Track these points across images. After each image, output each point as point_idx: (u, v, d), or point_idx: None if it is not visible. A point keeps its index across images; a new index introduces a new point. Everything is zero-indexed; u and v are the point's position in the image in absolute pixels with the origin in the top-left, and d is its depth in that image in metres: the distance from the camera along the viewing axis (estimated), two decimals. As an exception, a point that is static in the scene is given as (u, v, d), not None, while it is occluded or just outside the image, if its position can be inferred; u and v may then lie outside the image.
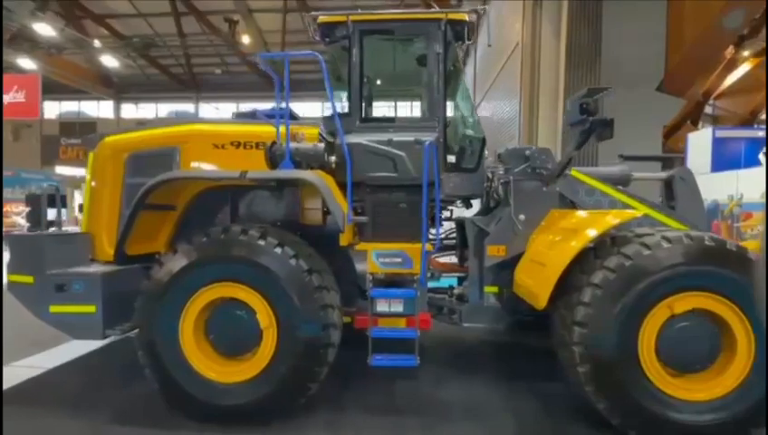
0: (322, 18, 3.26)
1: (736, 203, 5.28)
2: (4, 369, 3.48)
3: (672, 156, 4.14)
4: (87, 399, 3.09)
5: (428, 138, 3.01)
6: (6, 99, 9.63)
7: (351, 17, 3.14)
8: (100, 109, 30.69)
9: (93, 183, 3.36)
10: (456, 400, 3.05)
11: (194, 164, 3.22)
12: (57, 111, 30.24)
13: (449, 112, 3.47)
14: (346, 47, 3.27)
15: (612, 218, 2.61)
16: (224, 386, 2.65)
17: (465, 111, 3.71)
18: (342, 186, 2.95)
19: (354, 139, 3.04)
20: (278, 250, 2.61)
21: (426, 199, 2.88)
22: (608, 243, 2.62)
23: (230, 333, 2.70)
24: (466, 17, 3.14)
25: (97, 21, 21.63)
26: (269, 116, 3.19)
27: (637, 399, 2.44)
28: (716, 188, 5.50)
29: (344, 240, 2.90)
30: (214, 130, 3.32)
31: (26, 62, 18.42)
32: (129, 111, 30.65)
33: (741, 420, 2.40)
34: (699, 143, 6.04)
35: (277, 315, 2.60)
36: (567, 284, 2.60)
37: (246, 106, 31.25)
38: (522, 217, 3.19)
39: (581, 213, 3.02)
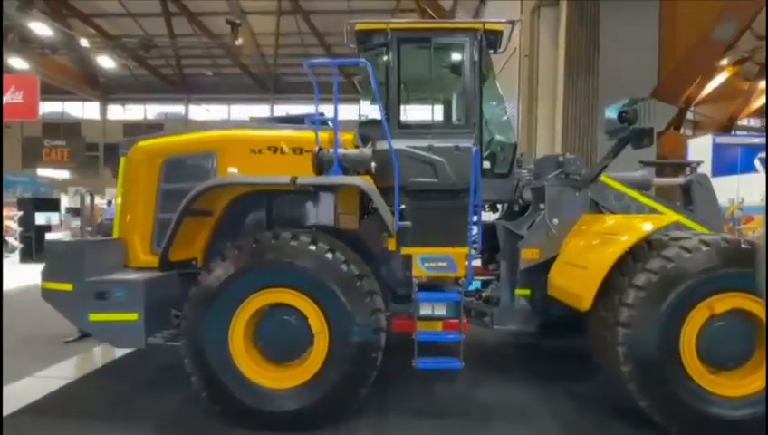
0: (361, 25, 3.31)
1: (737, 206, 5.53)
2: (31, 380, 3.40)
3: (688, 162, 4.32)
4: (123, 409, 3.04)
5: (467, 143, 3.09)
6: (4, 99, 9.30)
7: (391, 26, 3.20)
8: (84, 110, 29.89)
9: (126, 188, 3.31)
10: (496, 401, 3.12)
11: (231, 169, 3.22)
12: (40, 111, 29.25)
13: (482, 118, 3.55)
14: (380, 54, 3.33)
15: (650, 224, 2.73)
16: (274, 392, 2.65)
17: (497, 117, 3.80)
18: (382, 191, 2.99)
19: (395, 144, 3.08)
20: (329, 256, 2.64)
21: (472, 204, 2.94)
22: (645, 247, 2.74)
23: (280, 338, 2.70)
24: (503, 27, 3.23)
25: (84, 20, 21.13)
26: (322, 122, 3.20)
27: (679, 396, 2.55)
28: (717, 192, 5.76)
29: (392, 245, 2.95)
30: (251, 135, 3.32)
31: (18, 62, 17.83)
32: (116, 112, 29.95)
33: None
34: (700, 149, 6.32)
35: (329, 320, 2.62)
36: (607, 286, 2.70)
37: (238, 108, 31.32)
38: (555, 221, 3.29)
39: (615, 217, 3.14)
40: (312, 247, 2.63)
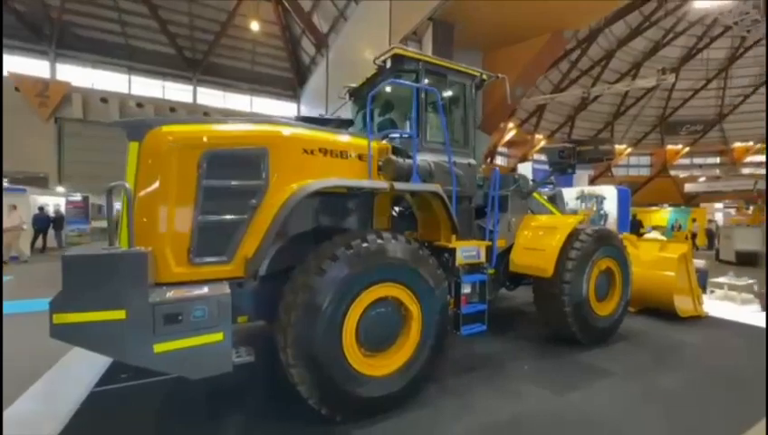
0: (398, 51, 3.75)
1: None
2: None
3: (551, 182, 6.69)
4: None
5: (473, 160, 4.08)
6: None
7: (423, 57, 3.82)
8: None
9: (144, 184, 2.58)
10: (496, 351, 4.25)
11: (283, 168, 3.04)
12: None
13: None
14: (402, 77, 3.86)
15: (574, 220, 4.49)
16: (379, 379, 2.87)
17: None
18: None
19: (427, 157, 3.71)
20: (421, 252, 3.08)
21: (489, 209, 3.94)
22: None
23: (380, 330, 2.93)
24: (486, 77, 4.36)
25: None
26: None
27: (593, 319, 4.36)
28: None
29: (448, 240, 3.59)
30: (306, 135, 3.20)
31: None
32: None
33: None
34: (526, 170, 9.49)
35: (421, 305, 3.06)
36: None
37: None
38: (513, 220, 4.72)
39: (546, 217, 4.83)
40: (411, 246, 3.01)
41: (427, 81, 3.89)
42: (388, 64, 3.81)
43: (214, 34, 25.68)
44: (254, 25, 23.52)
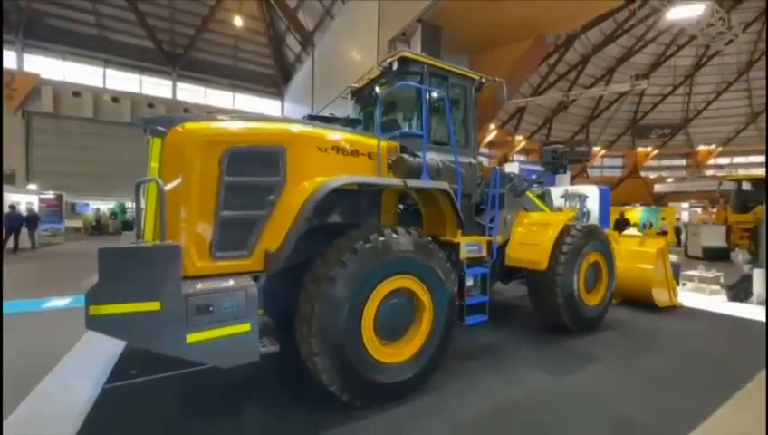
0: (405, 54, 3.90)
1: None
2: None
3: (540, 181, 7.01)
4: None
5: (474, 160, 4.29)
6: None
7: (428, 61, 3.99)
8: None
9: (168, 180, 2.63)
10: (494, 340, 4.48)
11: (299, 165, 3.14)
12: None
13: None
14: (407, 78, 4.02)
15: (565, 217, 4.77)
16: (394, 366, 3.02)
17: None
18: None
19: (433, 156, 3.89)
20: (432, 246, 3.25)
21: (489, 205, 4.16)
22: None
23: (395, 320, 3.08)
24: (485, 81, 4.58)
25: None
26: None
27: (581, 308, 4.66)
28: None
29: (453, 235, 3.77)
30: (321, 133, 3.30)
31: None
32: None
33: None
34: (513, 170, 9.82)
35: (432, 296, 3.23)
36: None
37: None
38: (509, 216, 4.97)
39: (538, 214, 5.11)
40: (424, 240, 3.17)
41: (429, 83, 4.07)
42: (395, 66, 3.95)
43: (195, 28, 25.09)
44: (238, 21, 23.14)
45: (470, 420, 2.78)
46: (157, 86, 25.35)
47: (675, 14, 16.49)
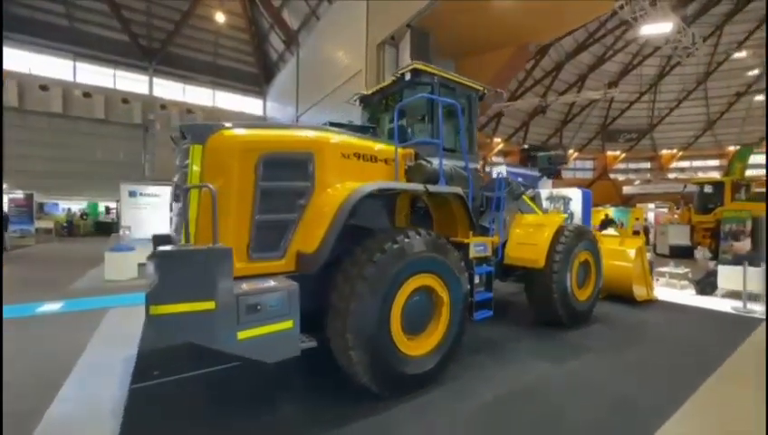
0: (417, 65, 4.14)
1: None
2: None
3: (533, 185, 7.45)
4: None
5: (476, 165, 4.59)
6: None
7: (439, 72, 4.24)
8: None
9: (210, 185, 2.73)
10: (494, 334, 4.79)
11: (326, 170, 3.31)
12: None
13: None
14: (415, 88, 4.26)
15: (560, 218, 5.16)
16: (418, 358, 3.24)
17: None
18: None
19: (446, 162, 4.14)
20: (449, 247, 3.49)
21: (493, 208, 4.45)
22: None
23: (418, 315, 3.30)
24: (486, 91, 4.89)
25: None
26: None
27: (573, 301, 5.06)
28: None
29: (466, 237, 4.03)
30: (344, 141, 3.48)
31: None
32: None
33: None
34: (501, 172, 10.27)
35: (450, 292, 3.48)
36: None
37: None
38: (507, 218, 5.30)
39: (534, 216, 5.47)
40: (443, 241, 3.41)
41: (439, 93, 4.32)
42: (407, 77, 4.18)
43: (174, 23, 24.34)
44: (219, 17, 22.66)
45: (490, 404, 3.06)
46: (132, 81, 24.42)
47: (647, 30, 17.65)
